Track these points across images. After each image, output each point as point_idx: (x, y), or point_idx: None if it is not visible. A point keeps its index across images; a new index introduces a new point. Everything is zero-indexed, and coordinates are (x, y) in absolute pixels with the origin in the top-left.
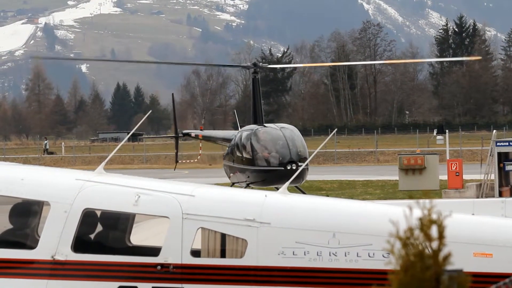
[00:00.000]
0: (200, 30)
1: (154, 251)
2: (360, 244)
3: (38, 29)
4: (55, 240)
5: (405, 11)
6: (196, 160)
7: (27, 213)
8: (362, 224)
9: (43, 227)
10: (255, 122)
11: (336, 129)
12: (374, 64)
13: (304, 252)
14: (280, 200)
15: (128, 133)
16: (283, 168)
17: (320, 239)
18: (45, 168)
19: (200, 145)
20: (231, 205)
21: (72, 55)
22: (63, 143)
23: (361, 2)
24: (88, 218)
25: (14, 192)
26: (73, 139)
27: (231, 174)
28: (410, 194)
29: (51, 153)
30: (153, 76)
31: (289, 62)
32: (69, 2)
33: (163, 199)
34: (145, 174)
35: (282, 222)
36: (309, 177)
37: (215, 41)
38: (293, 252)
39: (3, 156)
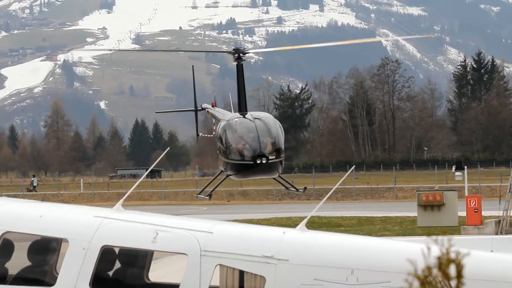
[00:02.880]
0: (219, 66)
1: None
2: (378, 281)
3: (57, 66)
4: (73, 277)
5: (423, 47)
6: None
7: (45, 250)
8: (381, 261)
9: (61, 264)
10: (240, 111)
11: (354, 166)
12: (393, 101)
13: None
14: (298, 237)
15: (147, 170)
16: (252, 162)
17: (339, 276)
18: (64, 205)
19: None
20: (249, 242)
21: (90, 92)
22: (81, 180)
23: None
24: (107, 255)
25: (33, 229)
26: (92, 176)
27: (219, 163)
28: (429, 231)
29: (31, 191)
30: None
31: (308, 98)
32: (88, 39)
33: (181, 236)
34: (163, 211)
35: (301, 259)
36: (328, 213)
37: (233, 78)
38: None
39: (21, 193)
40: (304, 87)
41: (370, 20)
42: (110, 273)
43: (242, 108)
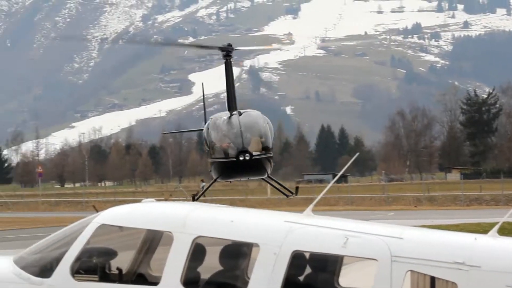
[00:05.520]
0: (404, 71)
1: None
2: None
3: (244, 71)
4: (264, 282)
5: None
6: None
7: (237, 255)
8: None
9: (252, 269)
10: (229, 109)
11: None
12: None
13: None
14: (490, 243)
15: (334, 175)
16: (235, 159)
17: None
18: (254, 210)
19: None
20: (440, 248)
21: (276, 97)
22: (268, 185)
23: None
24: (297, 260)
25: (224, 234)
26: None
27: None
28: None
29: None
30: (357, 117)
31: (495, 103)
32: (274, 45)
33: (372, 241)
34: (350, 216)
35: (493, 265)
36: None
37: (419, 83)
38: None
39: (210, 198)
40: (491, 91)
41: None
42: (301, 278)
43: (231, 107)
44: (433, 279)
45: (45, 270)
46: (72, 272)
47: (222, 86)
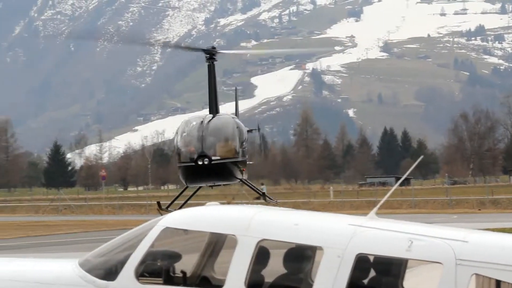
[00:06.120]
0: (468, 74)
1: None
2: None
3: (306, 74)
4: (329, 286)
5: None
6: None
7: (301, 258)
8: None
9: (316, 272)
10: (210, 112)
11: None
12: None
13: None
14: None
15: (396, 178)
16: (193, 163)
17: None
18: (317, 213)
19: None
20: (506, 251)
21: (339, 100)
22: (331, 188)
23: None
24: (361, 263)
25: (288, 237)
26: (341, 184)
27: None
28: None
29: (259, 198)
30: (420, 120)
31: None
32: (336, 47)
33: (436, 244)
34: (414, 219)
35: None
36: None
37: (482, 85)
38: None
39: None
40: None
41: None
42: (365, 281)
43: (212, 110)
44: (498, 283)
45: (110, 273)
46: (136, 275)
47: (284, 89)
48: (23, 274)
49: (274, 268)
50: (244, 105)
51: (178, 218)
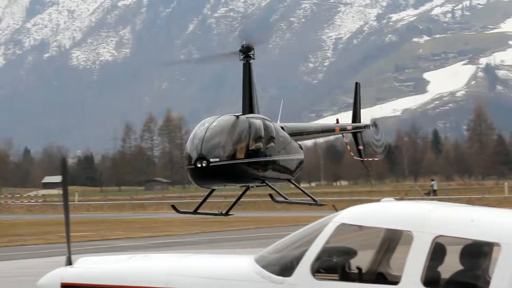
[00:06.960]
0: None
1: None
2: None
3: (479, 69)
4: (507, 283)
5: None
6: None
7: (477, 255)
8: None
9: (493, 269)
10: (243, 111)
11: None
12: None
13: None
14: None
15: None
16: (193, 166)
17: None
18: (492, 209)
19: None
20: None
21: None
22: (506, 183)
23: None
24: None
25: (464, 233)
26: None
27: None
28: None
29: (429, 194)
30: None
31: None
32: (510, 42)
33: None
34: None
35: None
36: None
37: None
38: None
39: (446, 197)
40: None
41: None
42: None
43: (244, 109)
44: None
45: (285, 269)
46: (312, 271)
47: (456, 85)
48: (201, 269)
49: (451, 265)
50: (416, 100)
51: (354, 214)
